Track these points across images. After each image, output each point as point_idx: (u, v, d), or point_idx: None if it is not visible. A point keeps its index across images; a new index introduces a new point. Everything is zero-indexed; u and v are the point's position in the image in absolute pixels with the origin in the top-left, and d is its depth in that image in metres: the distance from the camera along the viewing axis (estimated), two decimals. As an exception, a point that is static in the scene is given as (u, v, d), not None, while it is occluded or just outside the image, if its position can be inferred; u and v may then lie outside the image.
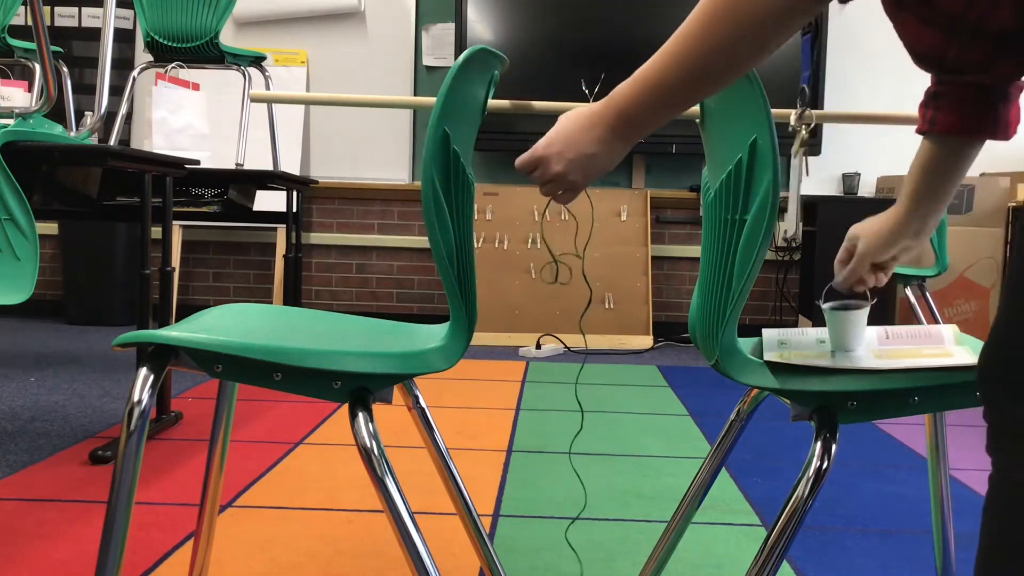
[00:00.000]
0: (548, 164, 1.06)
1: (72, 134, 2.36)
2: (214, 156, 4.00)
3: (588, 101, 1.11)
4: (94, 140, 2.44)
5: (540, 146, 1.06)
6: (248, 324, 1.21)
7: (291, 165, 4.73)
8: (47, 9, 4.84)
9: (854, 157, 4.82)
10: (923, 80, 1.10)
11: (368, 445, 1.03)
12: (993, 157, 4.36)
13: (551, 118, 1.35)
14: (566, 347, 4.33)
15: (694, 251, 4.90)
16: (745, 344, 1.16)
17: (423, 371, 1.08)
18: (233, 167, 3.69)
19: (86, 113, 2.57)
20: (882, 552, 1.83)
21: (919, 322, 4.30)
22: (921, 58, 0.98)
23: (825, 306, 1.15)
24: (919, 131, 1.17)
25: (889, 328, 1.20)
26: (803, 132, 1.02)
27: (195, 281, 5.01)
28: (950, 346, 1.13)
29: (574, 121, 1.05)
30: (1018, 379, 0.79)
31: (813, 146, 4.61)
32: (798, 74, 4.56)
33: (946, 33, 0.93)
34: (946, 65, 0.97)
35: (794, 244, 3.88)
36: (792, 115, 1.00)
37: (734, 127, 1.07)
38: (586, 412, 3.02)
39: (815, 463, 1.03)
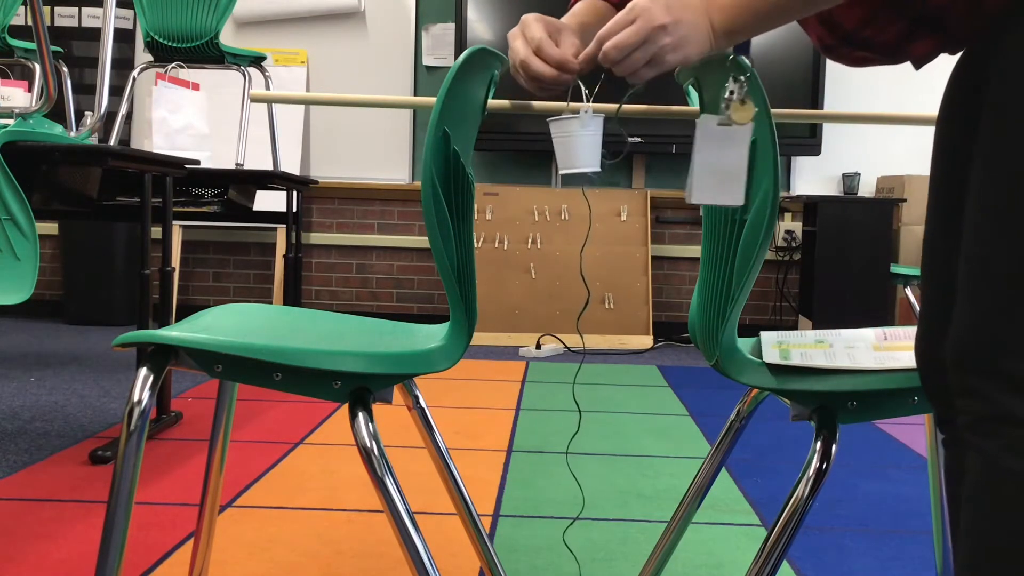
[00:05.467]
0: (651, 14, 0.95)
1: (72, 134, 2.36)
2: (214, 156, 4.00)
3: (589, 101, 1.11)
4: (94, 140, 2.44)
5: (639, 3, 0.96)
6: (248, 324, 1.21)
7: (291, 165, 4.73)
8: (47, 9, 4.83)
9: (854, 157, 4.82)
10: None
11: (368, 445, 1.03)
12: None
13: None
14: (566, 347, 4.33)
15: (694, 251, 4.90)
16: (745, 344, 1.16)
17: (423, 371, 1.08)
18: (233, 167, 3.69)
19: (86, 113, 2.58)
20: (882, 552, 1.83)
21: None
22: (834, 28, 0.97)
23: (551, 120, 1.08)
24: None
25: (888, 329, 1.20)
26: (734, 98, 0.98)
27: (195, 281, 5.01)
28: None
29: None
30: (1008, 367, 0.78)
31: (812, 146, 4.61)
32: (799, 75, 4.56)
33: (872, 9, 0.92)
34: (857, 39, 0.96)
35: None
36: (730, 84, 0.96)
37: (734, 127, 1.07)
38: (586, 412, 3.02)
39: (815, 463, 1.03)
